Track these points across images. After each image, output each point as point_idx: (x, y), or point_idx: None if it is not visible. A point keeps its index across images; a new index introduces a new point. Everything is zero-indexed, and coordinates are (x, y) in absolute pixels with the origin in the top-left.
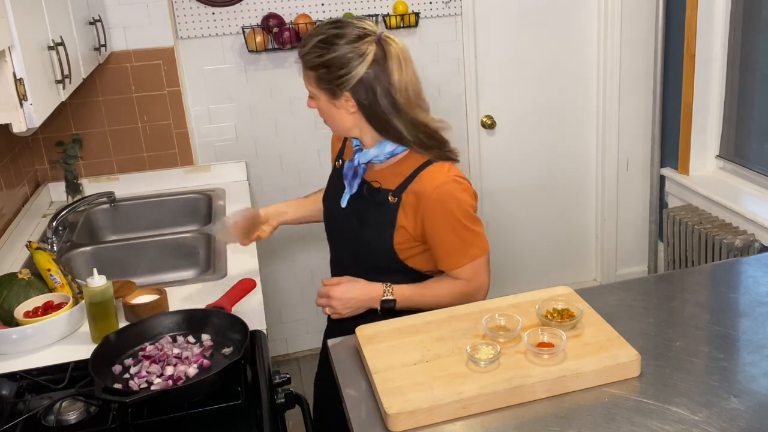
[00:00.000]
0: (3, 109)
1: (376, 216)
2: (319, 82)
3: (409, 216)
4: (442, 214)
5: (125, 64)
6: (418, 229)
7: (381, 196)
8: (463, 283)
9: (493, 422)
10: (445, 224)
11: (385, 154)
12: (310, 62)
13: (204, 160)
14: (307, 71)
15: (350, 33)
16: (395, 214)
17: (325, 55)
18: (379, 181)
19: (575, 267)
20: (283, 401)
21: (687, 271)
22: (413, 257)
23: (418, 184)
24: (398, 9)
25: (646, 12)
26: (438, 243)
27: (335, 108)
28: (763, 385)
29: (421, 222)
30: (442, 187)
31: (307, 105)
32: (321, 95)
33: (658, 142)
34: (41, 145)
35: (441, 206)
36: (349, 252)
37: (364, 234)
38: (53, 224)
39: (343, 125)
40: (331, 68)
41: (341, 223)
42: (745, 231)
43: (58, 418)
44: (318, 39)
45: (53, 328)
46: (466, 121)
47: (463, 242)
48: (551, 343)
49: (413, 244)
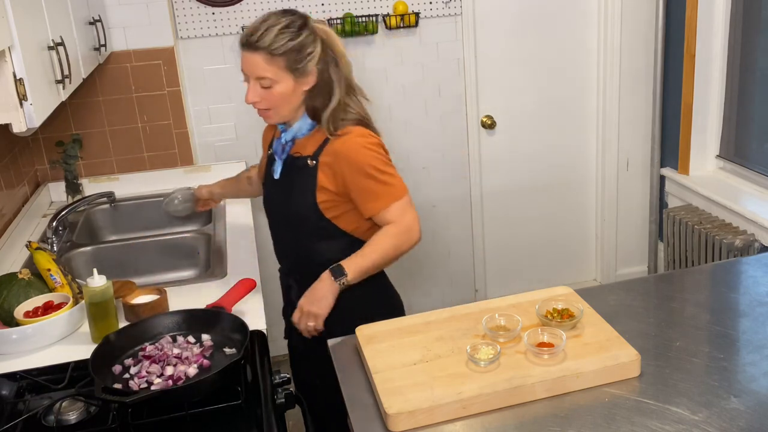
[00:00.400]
0: (3, 109)
1: (299, 181)
2: (289, 65)
3: (329, 175)
4: (357, 164)
5: (125, 64)
6: (339, 186)
7: (301, 162)
8: (393, 225)
9: (493, 422)
10: (362, 172)
11: (307, 126)
12: (280, 48)
13: (204, 160)
14: (274, 58)
15: (297, 19)
16: (315, 176)
17: (295, 39)
18: (300, 151)
19: (575, 267)
20: (283, 401)
21: (687, 271)
22: (340, 216)
23: (332, 146)
24: (398, 9)
25: (646, 12)
26: (359, 191)
27: (297, 87)
28: (763, 385)
29: (341, 178)
30: (353, 141)
31: (251, 98)
32: (285, 79)
33: (658, 142)
34: (41, 145)
35: (355, 158)
36: (284, 224)
37: (291, 201)
38: (53, 224)
39: (296, 104)
40: (301, 49)
41: (274, 199)
42: (745, 231)
43: (58, 418)
44: (280, 27)
45: (53, 328)
46: (466, 121)
47: (382, 185)
48: (551, 343)
49: (337, 201)
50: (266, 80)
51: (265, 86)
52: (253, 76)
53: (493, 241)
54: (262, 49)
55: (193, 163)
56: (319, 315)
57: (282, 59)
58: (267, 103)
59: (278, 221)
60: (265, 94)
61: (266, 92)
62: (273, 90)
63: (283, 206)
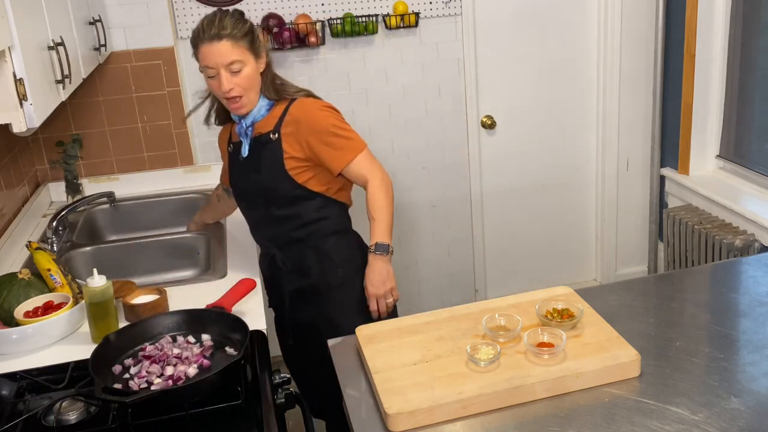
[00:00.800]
0: (3, 109)
1: (266, 156)
2: (251, 47)
3: (292, 143)
4: (318, 125)
5: (125, 64)
6: (304, 151)
7: (264, 138)
8: (372, 182)
9: (493, 422)
10: (324, 131)
11: (265, 107)
12: (241, 32)
13: (204, 160)
14: (238, 42)
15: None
16: (280, 147)
17: (245, 24)
18: (260, 131)
19: (575, 267)
20: (283, 401)
21: (687, 271)
22: (310, 179)
23: (290, 116)
24: (398, 9)
25: (646, 12)
26: (324, 149)
27: (257, 68)
28: (763, 385)
29: (306, 143)
30: (310, 107)
31: (227, 85)
32: (250, 60)
33: (658, 142)
34: (41, 145)
35: (315, 120)
36: (260, 202)
37: (262, 177)
38: (53, 224)
39: (258, 86)
40: (253, 31)
41: (248, 186)
42: (745, 231)
43: (58, 418)
44: (229, 15)
45: (53, 328)
46: (466, 121)
47: (345, 140)
48: (551, 343)
49: (306, 166)
50: (235, 64)
51: (235, 70)
52: (222, 65)
53: (493, 241)
54: (226, 36)
55: (193, 163)
56: (393, 286)
57: (244, 41)
58: (240, 89)
59: (253, 198)
60: (236, 80)
61: (237, 77)
62: (242, 73)
63: (255, 182)
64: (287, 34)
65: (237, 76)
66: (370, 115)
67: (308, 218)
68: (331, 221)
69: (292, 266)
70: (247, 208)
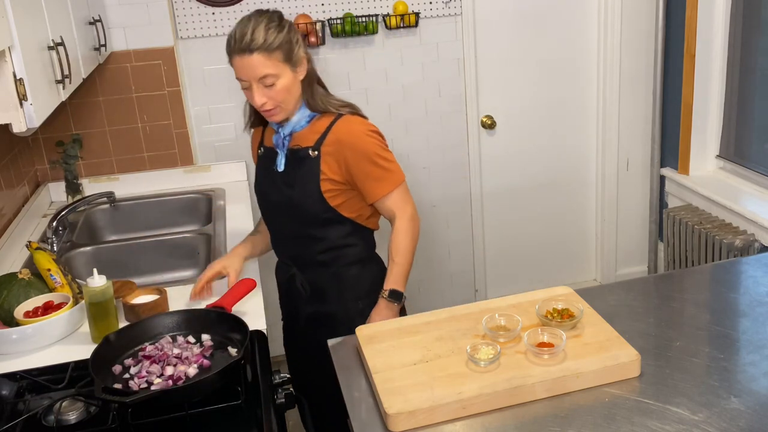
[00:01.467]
0: (3, 109)
1: (301, 173)
2: (285, 57)
3: (331, 164)
4: (361, 151)
5: (125, 64)
6: (342, 174)
7: (302, 153)
8: (400, 220)
9: (493, 422)
10: (365, 159)
11: (306, 118)
12: (273, 44)
13: (204, 160)
14: (272, 54)
15: (273, 14)
16: (318, 166)
17: (281, 32)
18: (299, 143)
19: (575, 267)
20: (283, 401)
21: (687, 271)
22: (343, 203)
23: (334, 135)
24: (398, 9)
25: (646, 12)
26: (364, 177)
27: (295, 78)
28: (763, 385)
29: (345, 166)
30: (356, 130)
31: (259, 100)
32: (285, 72)
33: (658, 142)
34: (41, 145)
35: (359, 146)
36: (287, 216)
37: (295, 193)
38: (53, 224)
39: (297, 95)
40: (290, 40)
41: (276, 196)
42: (745, 231)
43: (58, 418)
44: (263, 24)
45: (53, 328)
46: (466, 121)
47: (385, 171)
48: (551, 343)
49: (341, 189)
50: (269, 77)
51: (269, 84)
52: (254, 78)
53: (493, 241)
54: (258, 49)
55: (193, 163)
56: None
57: (278, 53)
58: (273, 102)
59: (280, 212)
60: (270, 93)
61: (271, 90)
62: (276, 86)
63: (286, 196)
64: None
65: (271, 89)
66: (370, 115)
67: (335, 243)
68: (357, 249)
69: (312, 290)
70: (272, 218)
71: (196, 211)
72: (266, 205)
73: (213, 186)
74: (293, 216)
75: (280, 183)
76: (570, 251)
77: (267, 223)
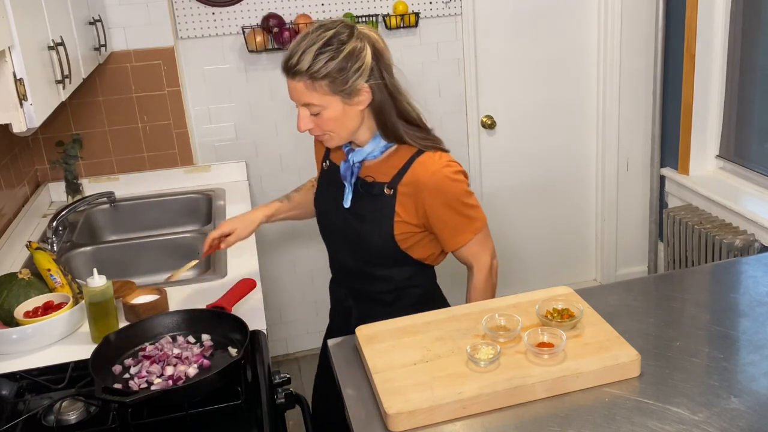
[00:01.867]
0: (3, 109)
1: (373, 210)
2: (333, 87)
3: (407, 206)
4: (443, 198)
5: (125, 64)
6: (419, 218)
7: (376, 189)
8: (477, 276)
9: (493, 422)
10: (448, 207)
11: (380, 148)
12: (322, 72)
13: (204, 160)
14: (316, 83)
15: (341, 30)
16: (392, 207)
17: (336, 57)
18: (372, 175)
19: (575, 267)
20: (283, 401)
21: (687, 271)
22: (413, 246)
23: (413, 175)
24: (398, 9)
25: (646, 12)
26: (443, 226)
27: (349, 108)
28: (763, 385)
29: (423, 210)
30: (438, 173)
31: (303, 126)
32: (333, 102)
33: (658, 142)
34: (41, 145)
35: (440, 191)
36: (349, 250)
37: (363, 230)
38: (53, 224)
39: (353, 126)
40: (345, 67)
41: (339, 223)
42: (745, 231)
43: (58, 418)
44: (318, 47)
45: (53, 328)
46: (466, 121)
47: (466, 219)
48: (551, 343)
49: (414, 232)
50: (313, 107)
51: (314, 113)
52: (299, 103)
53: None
54: (301, 74)
55: (193, 163)
56: None
57: (324, 83)
58: (320, 130)
59: (341, 241)
60: (317, 120)
61: (317, 119)
62: (322, 116)
63: (353, 228)
64: (287, 34)
65: (317, 117)
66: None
67: (400, 283)
68: (422, 288)
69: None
70: (330, 242)
71: (196, 211)
72: (325, 223)
73: (213, 186)
74: (356, 250)
75: (345, 211)
76: (570, 251)
77: (324, 240)
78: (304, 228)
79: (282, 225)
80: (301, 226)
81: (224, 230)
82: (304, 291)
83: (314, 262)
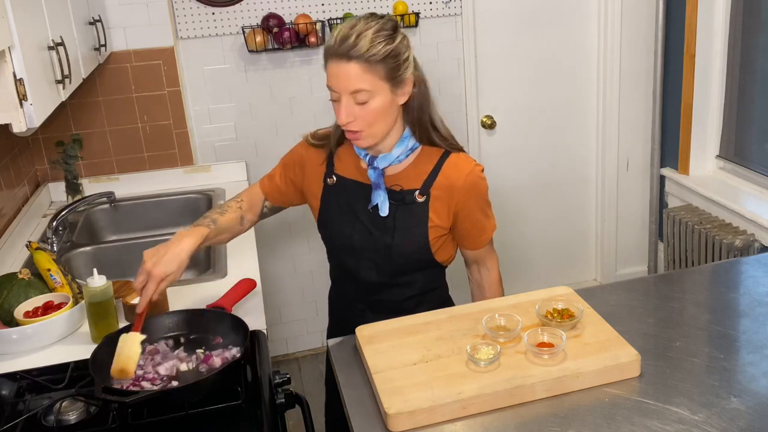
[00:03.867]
0: (3, 109)
1: (406, 221)
2: (387, 73)
3: (439, 210)
4: (476, 199)
5: (125, 64)
6: (450, 220)
7: (408, 197)
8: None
9: (493, 422)
10: (478, 208)
11: (406, 151)
12: (378, 54)
13: (204, 160)
14: (373, 67)
15: (387, 21)
16: (426, 212)
17: (391, 43)
18: (399, 183)
19: (575, 267)
20: (283, 401)
21: (687, 271)
22: (440, 249)
23: (445, 177)
24: (398, 9)
25: (646, 12)
26: (472, 225)
27: (394, 99)
28: (763, 385)
29: (454, 211)
30: (472, 173)
31: (346, 117)
32: (383, 90)
33: (658, 142)
34: (41, 145)
35: (475, 191)
36: (374, 264)
37: (396, 241)
38: (53, 224)
39: (391, 122)
40: (399, 54)
41: (361, 239)
42: (745, 231)
43: (58, 418)
44: (374, 31)
45: (53, 328)
46: (466, 121)
47: (488, 217)
48: (551, 343)
49: (443, 235)
50: (363, 93)
51: (361, 101)
52: (346, 91)
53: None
54: (358, 57)
55: (193, 163)
56: None
57: (381, 67)
58: (362, 123)
59: (366, 258)
60: (361, 112)
61: (361, 109)
62: (369, 105)
63: (383, 245)
64: (287, 34)
65: (362, 107)
66: None
67: (423, 288)
68: (440, 291)
69: None
70: (350, 262)
71: (196, 211)
72: (343, 243)
73: (213, 186)
74: (383, 263)
75: (372, 226)
76: (570, 251)
77: (342, 259)
78: (304, 228)
79: (282, 225)
80: (301, 226)
81: (156, 277)
82: (304, 291)
83: (314, 262)
